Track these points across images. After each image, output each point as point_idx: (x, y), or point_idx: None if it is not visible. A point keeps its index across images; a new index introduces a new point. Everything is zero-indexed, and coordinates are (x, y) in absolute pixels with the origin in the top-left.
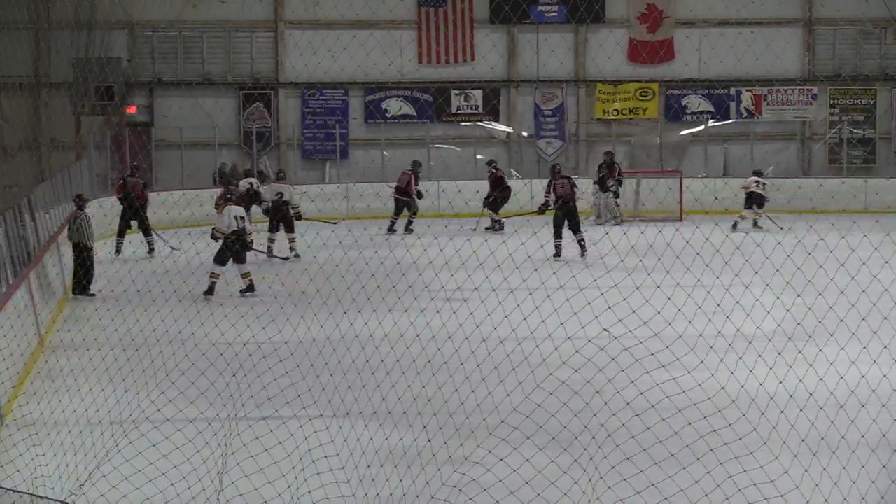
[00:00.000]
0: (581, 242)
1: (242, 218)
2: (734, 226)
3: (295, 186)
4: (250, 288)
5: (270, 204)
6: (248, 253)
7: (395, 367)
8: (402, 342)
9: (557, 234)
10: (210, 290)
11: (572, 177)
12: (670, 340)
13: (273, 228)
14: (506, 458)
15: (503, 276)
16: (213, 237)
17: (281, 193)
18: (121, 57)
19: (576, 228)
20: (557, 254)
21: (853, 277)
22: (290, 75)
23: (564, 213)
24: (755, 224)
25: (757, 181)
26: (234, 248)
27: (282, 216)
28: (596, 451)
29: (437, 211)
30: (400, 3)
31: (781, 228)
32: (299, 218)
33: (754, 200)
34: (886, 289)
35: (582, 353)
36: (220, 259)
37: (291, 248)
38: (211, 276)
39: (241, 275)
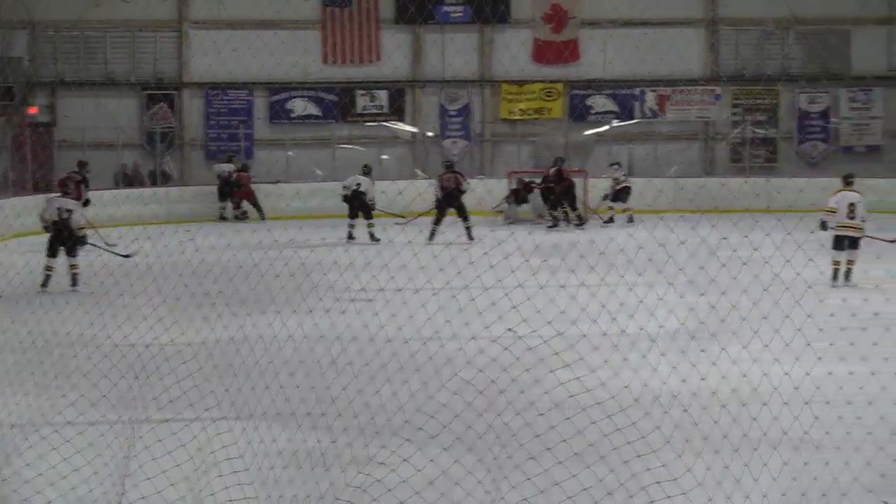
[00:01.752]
0: (468, 230)
1: (69, 211)
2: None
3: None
4: (74, 282)
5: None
6: (86, 247)
7: (299, 368)
8: (307, 343)
9: (436, 221)
10: (44, 283)
11: (458, 172)
12: (574, 339)
13: (352, 216)
14: (410, 459)
15: (408, 276)
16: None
17: (360, 184)
18: (21, 57)
19: (463, 217)
20: (430, 237)
21: (756, 276)
22: (194, 75)
23: (447, 202)
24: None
25: (626, 175)
26: (60, 238)
27: (360, 204)
28: (500, 451)
29: (344, 211)
30: (304, 2)
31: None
32: (373, 208)
33: (627, 194)
34: (788, 287)
35: (486, 353)
36: (49, 251)
37: (371, 235)
38: (45, 270)
39: (70, 265)
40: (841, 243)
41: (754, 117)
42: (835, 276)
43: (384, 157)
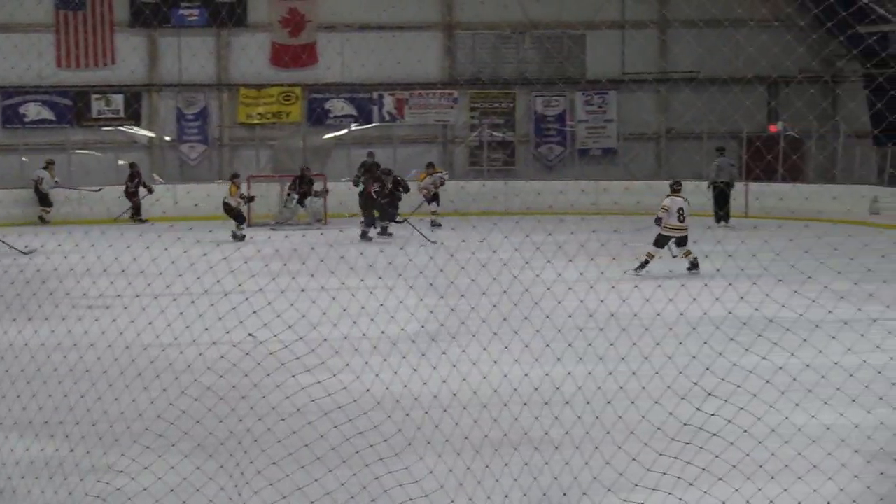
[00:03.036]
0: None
1: None
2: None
3: None
4: None
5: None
6: None
7: (35, 377)
8: (43, 350)
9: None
10: None
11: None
12: (315, 344)
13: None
14: (150, 466)
15: (146, 281)
16: None
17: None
18: None
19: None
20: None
21: (495, 278)
22: None
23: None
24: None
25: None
26: None
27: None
28: (242, 457)
29: (78, 217)
30: (38, 5)
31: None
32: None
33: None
34: (527, 289)
35: (227, 358)
36: None
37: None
38: None
39: None
40: (664, 242)
41: (492, 120)
42: (641, 266)
43: (121, 161)
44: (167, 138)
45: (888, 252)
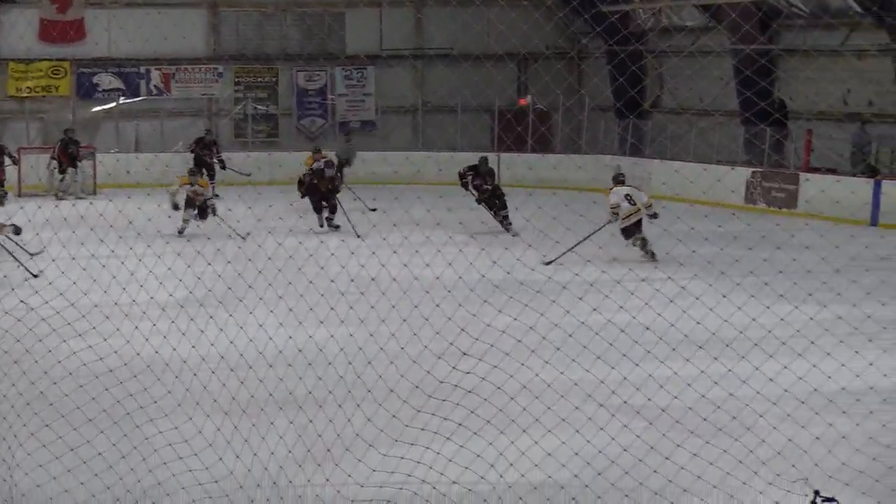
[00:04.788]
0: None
1: None
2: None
3: None
4: None
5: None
6: None
7: None
8: None
9: None
10: None
11: None
12: (86, 310)
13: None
14: None
15: None
16: None
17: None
18: None
19: None
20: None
21: (260, 245)
22: None
23: None
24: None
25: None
26: None
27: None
28: (15, 420)
29: None
30: None
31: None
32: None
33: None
34: (291, 255)
35: None
36: None
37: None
38: None
39: None
40: (630, 233)
41: (255, 94)
42: (645, 254)
43: None
44: None
45: None
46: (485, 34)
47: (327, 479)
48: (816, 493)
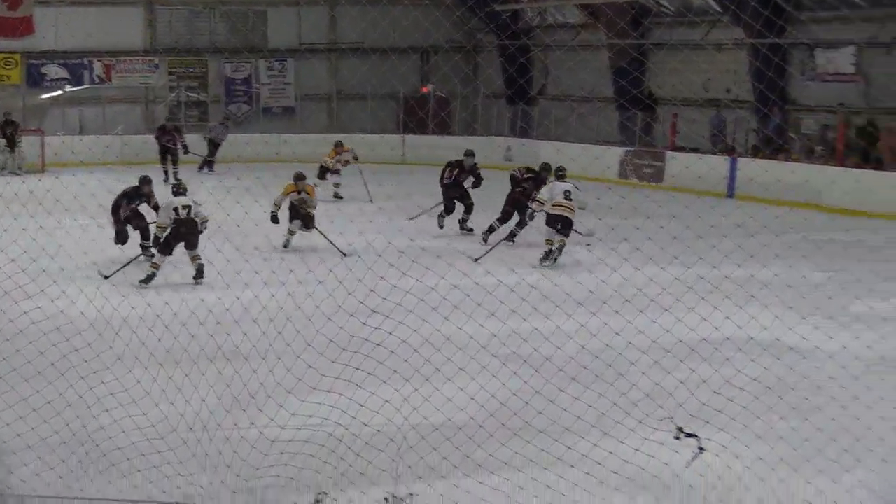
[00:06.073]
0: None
1: None
2: None
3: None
4: None
5: None
6: None
7: None
8: None
9: None
10: None
11: None
12: (35, 274)
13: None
14: None
15: None
16: None
17: None
18: None
19: None
20: None
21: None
22: None
23: None
24: None
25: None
26: None
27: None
28: None
29: None
30: None
31: None
32: None
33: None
34: (220, 226)
35: None
36: None
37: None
38: None
39: None
40: (554, 222)
41: (188, 83)
42: (546, 257)
43: None
44: None
45: None
46: (391, 30)
47: (252, 423)
48: (680, 429)
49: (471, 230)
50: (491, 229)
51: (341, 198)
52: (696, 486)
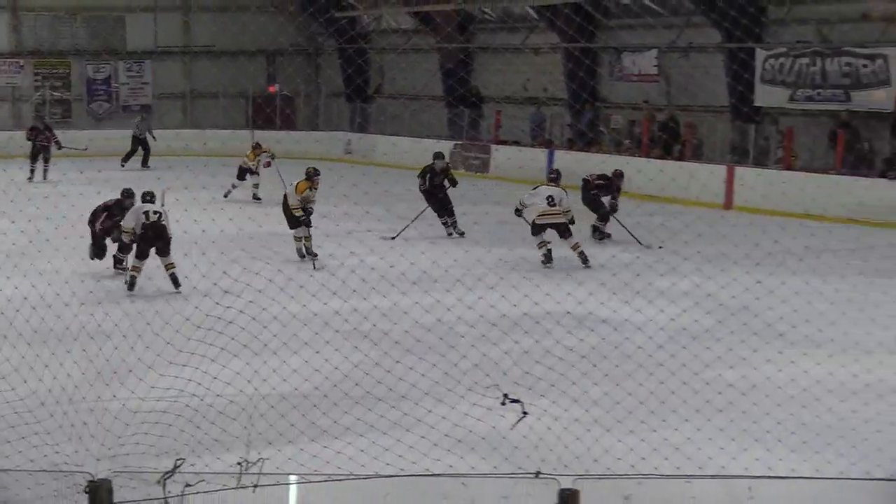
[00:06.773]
0: None
1: None
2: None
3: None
4: None
5: None
6: None
7: None
8: None
9: None
10: None
11: None
12: None
13: None
14: None
15: None
16: None
17: None
18: None
19: None
20: None
21: (56, 206)
22: None
23: None
24: None
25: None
26: None
27: None
28: None
29: None
30: None
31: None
32: None
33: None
34: (83, 214)
35: None
36: None
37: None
38: None
39: None
40: (539, 230)
41: (52, 83)
42: (546, 259)
43: None
44: None
45: (359, 181)
46: (240, 34)
47: (114, 396)
48: (505, 395)
49: (462, 234)
50: (602, 233)
51: (259, 199)
52: (521, 446)
